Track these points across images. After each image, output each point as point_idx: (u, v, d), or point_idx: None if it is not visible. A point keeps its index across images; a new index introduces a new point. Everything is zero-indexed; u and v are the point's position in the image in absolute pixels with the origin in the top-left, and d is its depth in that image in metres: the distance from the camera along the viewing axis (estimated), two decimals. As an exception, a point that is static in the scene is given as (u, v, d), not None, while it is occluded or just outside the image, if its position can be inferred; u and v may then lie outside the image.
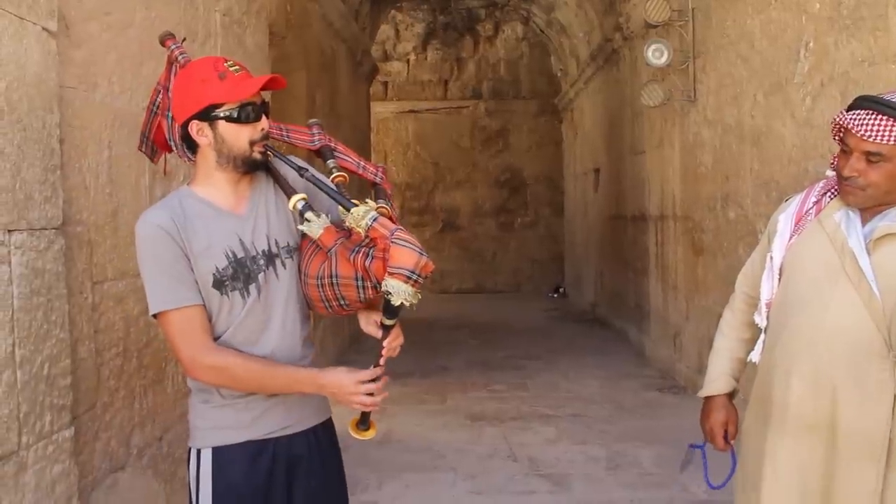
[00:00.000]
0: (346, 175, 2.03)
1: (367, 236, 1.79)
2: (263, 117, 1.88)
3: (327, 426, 2.06)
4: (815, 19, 4.12)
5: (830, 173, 2.09)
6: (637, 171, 8.26)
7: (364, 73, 10.59)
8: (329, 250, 1.86)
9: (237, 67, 1.86)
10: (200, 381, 1.89)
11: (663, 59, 6.28)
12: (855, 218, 1.97)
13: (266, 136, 1.90)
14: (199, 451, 1.93)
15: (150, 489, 3.10)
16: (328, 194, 1.90)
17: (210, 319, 1.87)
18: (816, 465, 1.94)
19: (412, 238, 1.75)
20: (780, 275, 2.09)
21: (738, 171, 5.31)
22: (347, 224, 1.82)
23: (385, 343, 1.87)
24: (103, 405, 2.75)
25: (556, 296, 13.82)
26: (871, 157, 1.88)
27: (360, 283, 1.81)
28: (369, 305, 1.93)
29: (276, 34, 6.39)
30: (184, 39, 2.10)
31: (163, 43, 2.03)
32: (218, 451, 1.91)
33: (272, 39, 5.34)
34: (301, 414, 1.97)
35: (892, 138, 1.85)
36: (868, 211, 1.96)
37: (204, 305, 1.85)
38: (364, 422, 1.95)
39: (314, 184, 1.93)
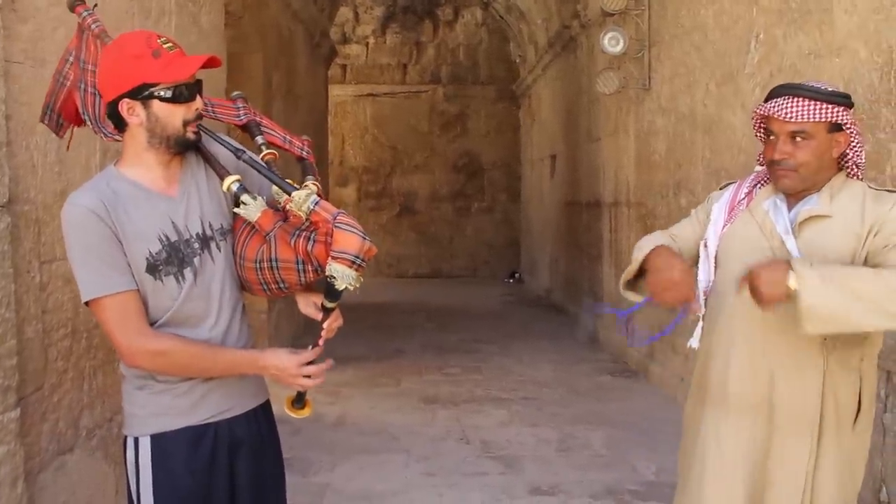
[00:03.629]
0: (275, 152, 1.99)
1: (307, 220, 1.77)
2: (198, 97, 1.83)
3: (266, 408, 2.05)
4: (765, 12, 4.21)
5: (759, 168, 2.21)
6: (592, 158, 8.35)
7: (322, 56, 10.50)
8: (267, 234, 1.83)
9: (171, 45, 1.78)
10: (140, 367, 1.82)
11: (619, 48, 6.35)
12: (782, 205, 2.08)
13: (200, 117, 1.84)
14: (136, 440, 1.87)
15: (100, 471, 3.07)
16: (268, 178, 1.85)
17: (145, 305, 1.80)
18: (759, 442, 2.06)
19: (355, 222, 1.74)
20: (716, 263, 2.17)
21: (691, 159, 5.41)
22: (288, 208, 1.79)
23: (325, 325, 1.87)
24: (51, 386, 2.71)
25: (511, 281, 13.94)
26: (796, 136, 1.99)
27: (300, 266, 1.80)
28: (307, 287, 1.91)
29: (233, 14, 6.31)
30: (95, 6, 1.98)
31: (72, 9, 1.92)
32: (157, 439, 1.86)
33: (228, 19, 5.26)
34: (240, 397, 1.95)
35: (812, 115, 1.96)
36: (793, 198, 2.08)
37: (138, 290, 1.79)
38: (300, 400, 1.95)
39: (251, 166, 1.88)
